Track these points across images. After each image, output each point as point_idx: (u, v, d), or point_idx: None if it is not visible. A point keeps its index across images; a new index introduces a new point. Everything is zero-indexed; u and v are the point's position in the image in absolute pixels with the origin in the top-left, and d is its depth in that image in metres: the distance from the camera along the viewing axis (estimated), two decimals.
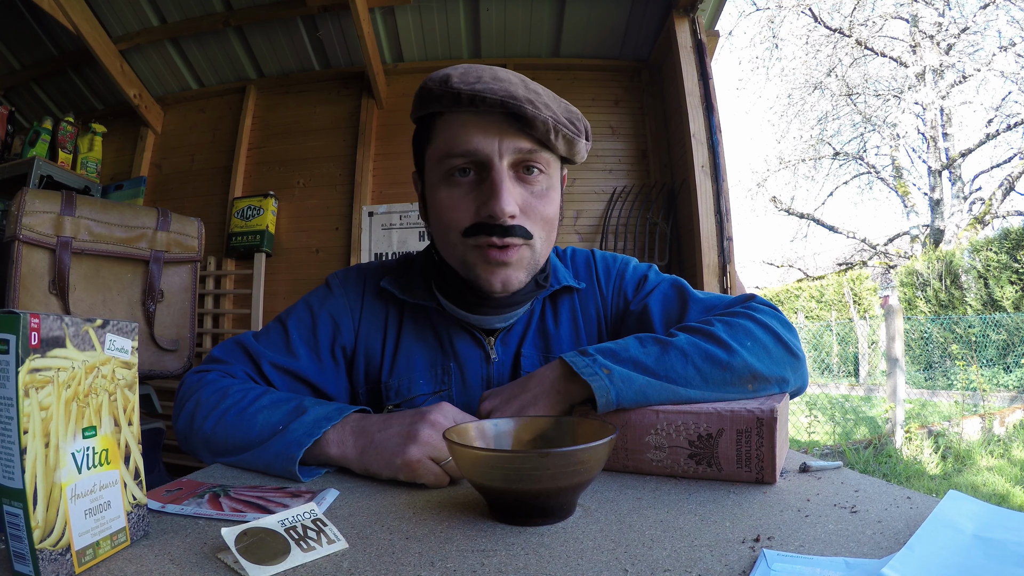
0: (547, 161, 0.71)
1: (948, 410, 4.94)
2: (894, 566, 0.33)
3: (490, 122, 0.67)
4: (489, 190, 0.68)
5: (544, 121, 0.66)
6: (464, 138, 0.68)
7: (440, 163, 0.71)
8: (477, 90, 0.65)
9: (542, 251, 0.74)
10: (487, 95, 0.64)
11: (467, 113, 0.68)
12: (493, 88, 0.65)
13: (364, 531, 0.45)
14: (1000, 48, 9.35)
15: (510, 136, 0.67)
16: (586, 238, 2.60)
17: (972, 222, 10.04)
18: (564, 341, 0.83)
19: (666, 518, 0.46)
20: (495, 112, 0.66)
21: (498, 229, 0.68)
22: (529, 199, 0.70)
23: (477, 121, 0.67)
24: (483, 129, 0.67)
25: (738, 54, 26.28)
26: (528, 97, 0.66)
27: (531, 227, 0.70)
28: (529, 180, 0.70)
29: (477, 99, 0.65)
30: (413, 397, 0.79)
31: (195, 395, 0.71)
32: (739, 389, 0.62)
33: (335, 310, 0.82)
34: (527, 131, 0.67)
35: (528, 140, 0.68)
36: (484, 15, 2.53)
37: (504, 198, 0.67)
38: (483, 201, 0.68)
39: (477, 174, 0.70)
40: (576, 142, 0.71)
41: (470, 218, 0.70)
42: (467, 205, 0.70)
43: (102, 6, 2.47)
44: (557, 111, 0.69)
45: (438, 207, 0.72)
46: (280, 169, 2.78)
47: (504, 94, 0.65)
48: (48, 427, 0.36)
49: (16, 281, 1.33)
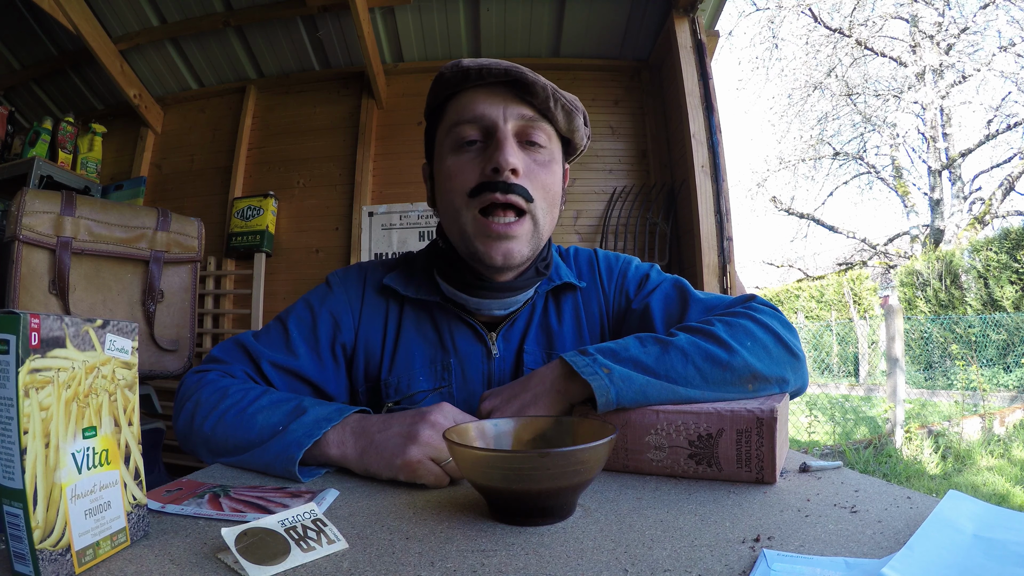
0: (548, 134, 0.76)
1: (948, 410, 4.94)
2: (894, 566, 0.33)
3: (495, 92, 0.74)
4: (494, 148, 0.72)
5: (544, 86, 0.72)
6: (472, 106, 0.74)
7: (450, 133, 0.76)
8: (483, 64, 0.72)
9: (543, 224, 0.76)
10: (492, 67, 0.72)
11: (475, 88, 0.75)
12: (498, 62, 0.73)
13: (364, 531, 0.45)
14: (1000, 48, 9.36)
15: (513, 103, 0.73)
16: (586, 238, 2.60)
17: (972, 222, 10.04)
18: (567, 338, 0.83)
19: (666, 518, 0.46)
20: (500, 83, 0.73)
21: (501, 185, 0.71)
22: (532, 164, 0.75)
23: (484, 92, 0.74)
24: (489, 98, 0.74)
25: (738, 54, 26.31)
26: (531, 72, 0.73)
27: (533, 191, 0.74)
28: (531, 150, 0.75)
29: (484, 71, 0.72)
30: (413, 394, 0.79)
31: (195, 395, 0.71)
32: (739, 389, 0.63)
33: (335, 308, 0.82)
34: (528, 99, 0.73)
35: (530, 108, 0.74)
36: (484, 15, 2.53)
37: (508, 149, 0.71)
38: (488, 159, 0.73)
39: (484, 142, 0.74)
40: (574, 116, 0.76)
41: (475, 179, 0.73)
42: (473, 168, 0.74)
43: (102, 6, 2.47)
44: (557, 89, 0.75)
45: (445, 174, 0.76)
46: (280, 169, 2.78)
47: (507, 65, 0.72)
48: (48, 427, 0.36)
49: (16, 281, 1.33)
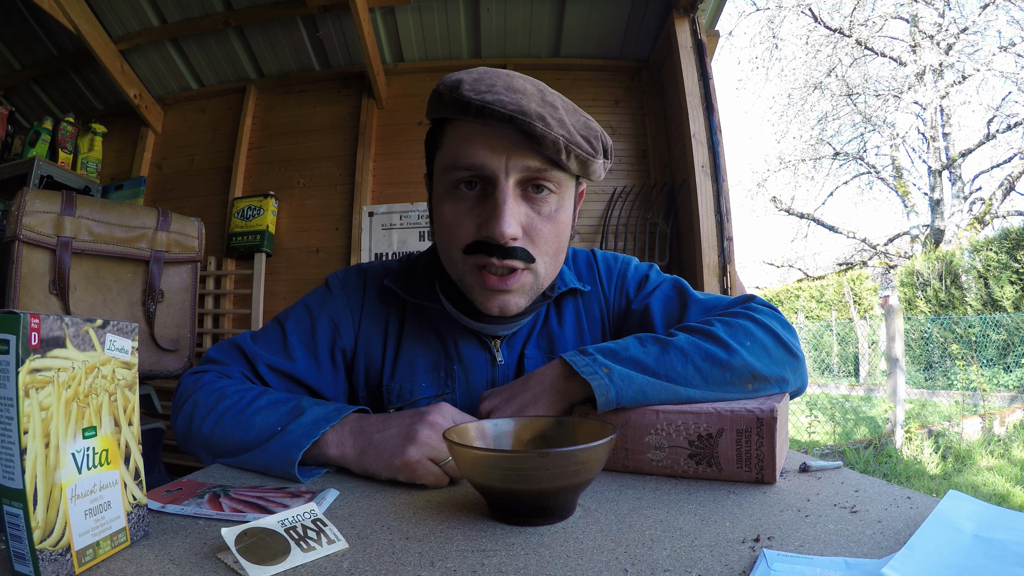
0: (558, 180, 0.67)
1: (948, 410, 4.95)
2: (894, 566, 0.33)
3: (498, 135, 0.63)
4: (492, 209, 0.65)
5: (555, 141, 0.61)
6: (470, 151, 0.64)
7: (446, 173, 0.68)
8: (487, 101, 0.60)
9: (546, 275, 0.71)
10: (496, 108, 0.60)
11: (475, 123, 0.64)
12: (504, 101, 0.60)
13: (364, 531, 0.45)
14: (1000, 48, 9.36)
15: (519, 153, 0.63)
16: (586, 238, 2.60)
17: (972, 222, 10.04)
18: (568, 341, 0.82)
19: (666, 518, 0.46)
20: (504, 125, 0.62)
21: (498, 250, 0.65)
22: (535, 221, 0.67)
23: (485, 133, 0.63)
24: (490, 143, 0.63)
25: (738, 54, 26.32)
26: (541, 113, 0.61)
27: (534, 250, 0.67)
28: (537, 200, 0.67)
29: (486, 111, 0.60)
30: (415, 400, 0.78)
31: (193, 396, 0.70)
32: (739, 389, 0.62)
33: (334, 312, 0.81)
34: (537, 148, 0.63)
35: (538, 158, 0.64)
36: (484, 15, 2.53)
37: (506, 220, 0.63)
38: (485, 219, 0.66)
39: (482, 188, 0.67)
40: (590, 163, 0.66)
41: (471, 235, 0.67)
42: (470, 222, 0.67)
43: (102, 6, 2.47)
44: (573, 127, 0.64)
45: (441, 221, 0.70)
46: (280, 169, 2.78)
47: (514, 108, 0.60)
48: (48, 427, 0.36)
49: (16, 281, 1.33)
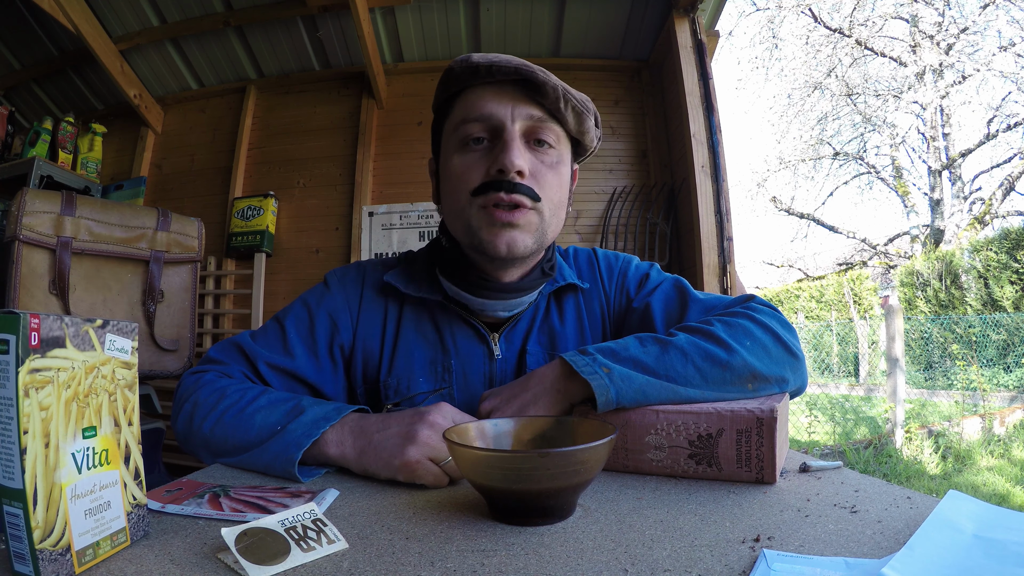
0: (557, 135, 0.75)
1: (948, 410, 4.94)
2: (894, 566, 0.33)
3: (504, 91, 0.72)
4: (500, 149, 0.71)
5: (554, 87, 0.70)
6: (479, 104, 0.72)
7: (456, 131, 0.74)
8: (493, 61, 0.70)
9: (550, 222, 0.76)
10: (502, 64, 0.70)
11: (483, 85, 0.73)
12: (509, 59, 0.71)
13: (364, 531, 0.45)
14: (1000, 48, 9.36)
15: (523, 102, 0.72)
16: (586, 238, 2.60)
17: (972, 222, 10.04)
18: (569, 338, 0.82)
19: (666, 518, 0.46)
20: (509, 81, 0.71)
21: (506, 184, 0.70)
22: (539, 165, 0.73)
23: (492, 90, 0.72)
24: (497, 97, 0.72)
25: (738, 54, 26.27)
26: (541, 70, 0.71)
27: (540, 191, 0.73)
28: (540, 152, 0.74)
29: (494, 68, 0.70)
30: (412, 396, 0.78)
31: (193, 396, 0.70)
32: (739, 388, 0.63)
33: (333, 308, 0.82)
34: (538, 99, 0.72)
35: (539, 108, 0.72)
36: (484, 15, 2.53)
37: (514, 151, 0.70)
38: (493, 160, 0.71)
39: (490, 142, 0.73)
40: (585, 118, 0.75)
41: (480, 178, 0.72)
42: (479, 168, 0.73)
43: (102, 6, 2.47)
44: (568, 89, 0.73)
45: (450, 172, 0.75)
46: (280, 169, 2.78)
47: (518, 63, 0.70)
48: (48, 427, 0.36)
49: (16, 281, 1.33)
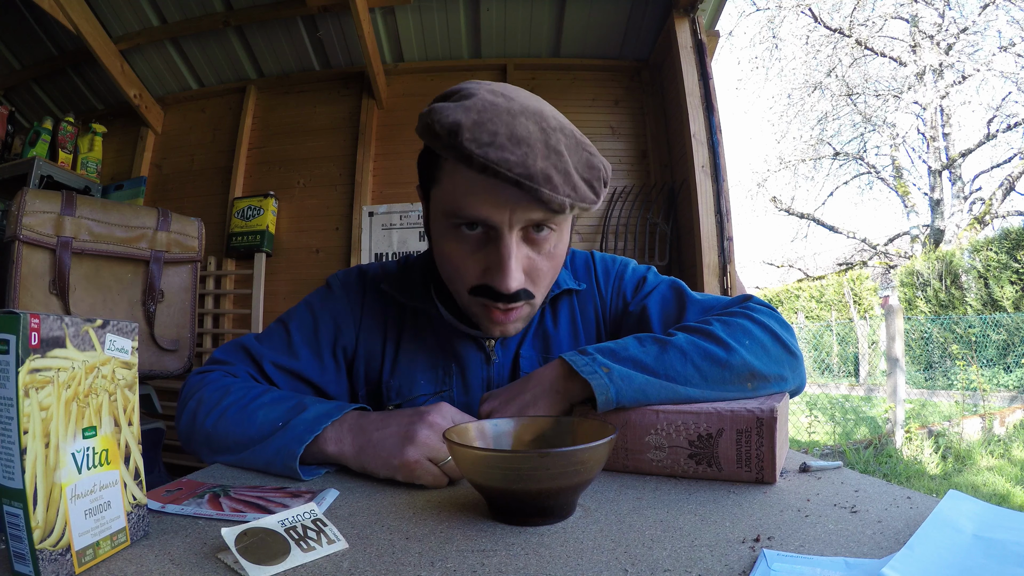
0: (559, 221, 0.67)
1: (948, 410, 4.94)
2: (894, 566, 0.33)
3: (501, 189, 0.61)
4: (496, 261, 0.65)
5: (560, 203, 0.61)
6: (471, 202, 0.63)
7: (447, 217, 0.67)
8: (491, 160, 0.58)
9: (541, 298, 0.73)
10: (501, 170, 0.58)
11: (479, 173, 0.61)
12: (509, 160, 0.58)
13: (364, 531, 0.45)
14: (1000, 48, 9.36)
15: (523, 207, 0.62)
16: (586, 238, 2.60)
17: (972, 222, 10.04)
18: (563, 342, 0.83)
19: (666, 518, 0.46)
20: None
21: (503, 297, 0.67)
22: (536, 262, 0.68)
23: (487, 186, 0.62)
24: (494, 198, 0.62)
25: (738, 54, 26.27)
26: (547, 172, 0.59)
27: (535, 289, 0.70)
28: (538, 240, 0.67)
29: (489, 171, 0.58)
30: (414, 397, 0.79)
31: (197, 393, 0.71)
32: (738, 388, 0.63)
33: (336, 311, 0.82)
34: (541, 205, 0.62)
35: (541, 211, 0.63)
36: (484, 15, 2.53)
37: (511, 275, 0.64)
38: (489, 267, 0.66)
39: (485, 232, 0.66)
40: (592, 207, 0.66)
41: (476, 278, 0.68)
42: (474, 264, 0.67)
43: (102, 6, 2.47)
44: (578, 175, 0.63)
45: (444, 256, 0.70)
46: (280, 169, 2.78)
47: (520, 172, 0.58)
48: (48, 427, 0.36)
49: (16, 281, 1.34)
